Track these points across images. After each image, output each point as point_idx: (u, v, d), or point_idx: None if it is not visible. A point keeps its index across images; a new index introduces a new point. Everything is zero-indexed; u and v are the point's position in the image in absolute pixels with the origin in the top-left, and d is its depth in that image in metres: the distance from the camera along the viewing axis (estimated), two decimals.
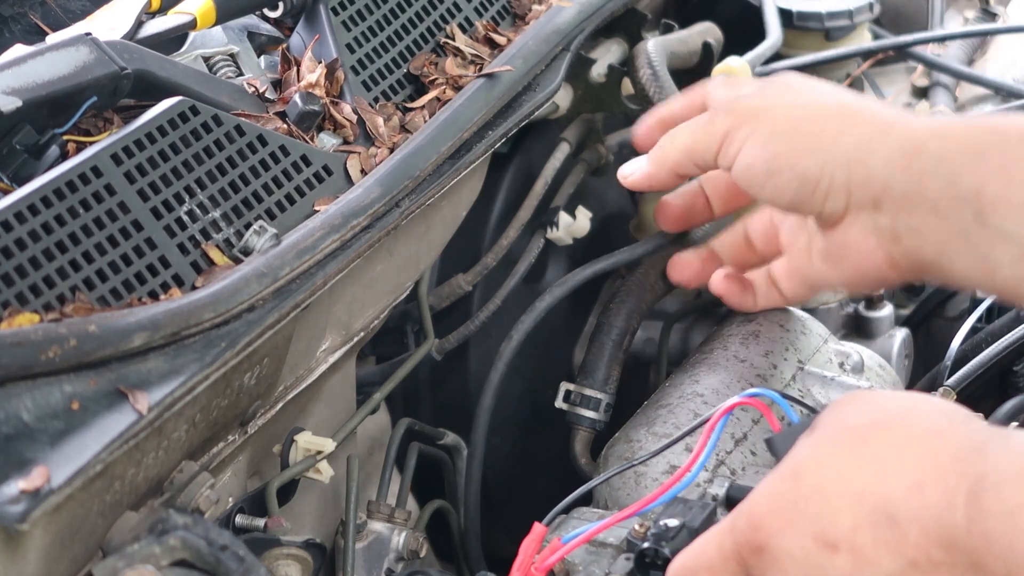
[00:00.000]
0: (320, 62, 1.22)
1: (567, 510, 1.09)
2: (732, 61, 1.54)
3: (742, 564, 0.85)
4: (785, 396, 0.97)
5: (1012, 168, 0.94)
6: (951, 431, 0.82)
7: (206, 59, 1.24)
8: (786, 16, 1.72)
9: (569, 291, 1.38)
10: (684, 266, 1.27)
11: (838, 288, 1.12)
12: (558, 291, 1.38)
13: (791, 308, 1.35)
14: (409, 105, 1.26)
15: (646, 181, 1.16)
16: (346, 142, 1.19)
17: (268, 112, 1.19)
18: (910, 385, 1.45)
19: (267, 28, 1.30)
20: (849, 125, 1.01)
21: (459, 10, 1.36)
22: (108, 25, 1.21)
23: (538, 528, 1.00)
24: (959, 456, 0.80)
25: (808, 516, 0.82)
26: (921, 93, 1.83)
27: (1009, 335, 1.30)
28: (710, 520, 0.99)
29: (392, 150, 1.19)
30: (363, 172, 1.17)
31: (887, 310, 1.53)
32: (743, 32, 1.70)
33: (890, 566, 0.80)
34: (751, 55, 1.59)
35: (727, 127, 1.05)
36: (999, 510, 0.76)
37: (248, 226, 1.08)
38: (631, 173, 1.17)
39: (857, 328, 1.53)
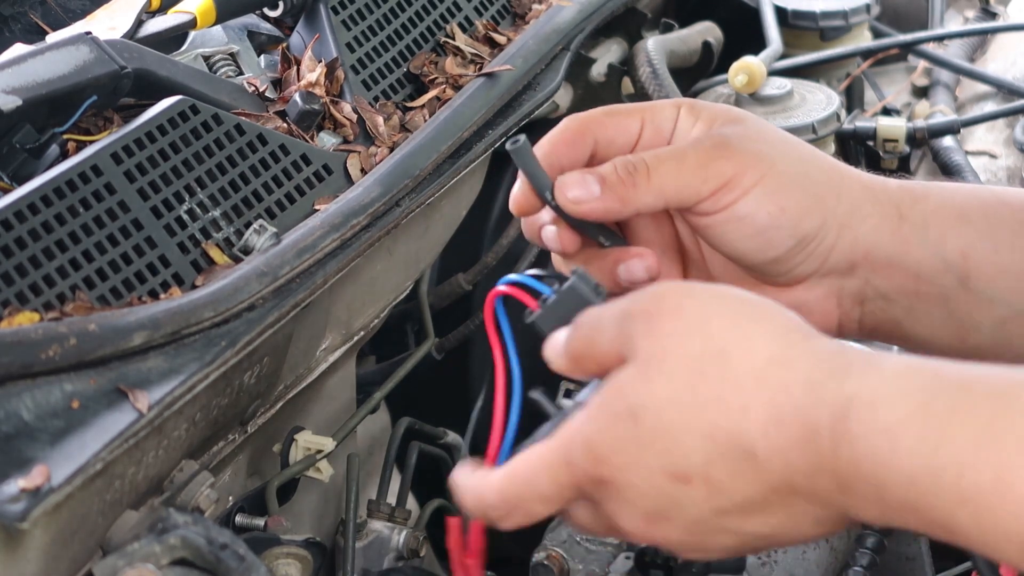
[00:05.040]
0: (320, 61, 1.22)
1: None
2: (749, 60, 1.54)
3: (581, 493, 0.82)
4: (533, 276, 0.90)
5: (999, 231, 0.94)
6: (799, 359, 0.79)
7: (206, 58, 1.24)
8: (781, 14, 1.72)
9: None
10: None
11: None
12: None
13: None
14: (409, 104, 1.26)
15: (601, 215, 0.91)
16: (346, 141, 1.19)
17: (268, 111, 1.19)
18: None
19: (267, 27, 1.30)
20: (844, 187, 0.94)
21: (459, 9, 1.36)
22: (108, 24, 1.21)
23: (450, 523, 0.99)
24: (813, 384, 0.77)
25: (655, 453, 0.79)
26: (921, 92, 1.83)
27: None
28: None
29: (392, 149, 1.19)
30: (363, 171, 1.17)
31: None
32: (742, 32, 1.70)
33: (748, 494, 0.78)
34: (759, 59, 1.58)
35: (731, 171, 0.90)
36: (871, 429, 0.75)
37: (248, 225, 1.08)
38: (580, 200, 0.90)
39: None
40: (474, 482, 0.85)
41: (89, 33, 1.12)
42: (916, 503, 0.74)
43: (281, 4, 1.28)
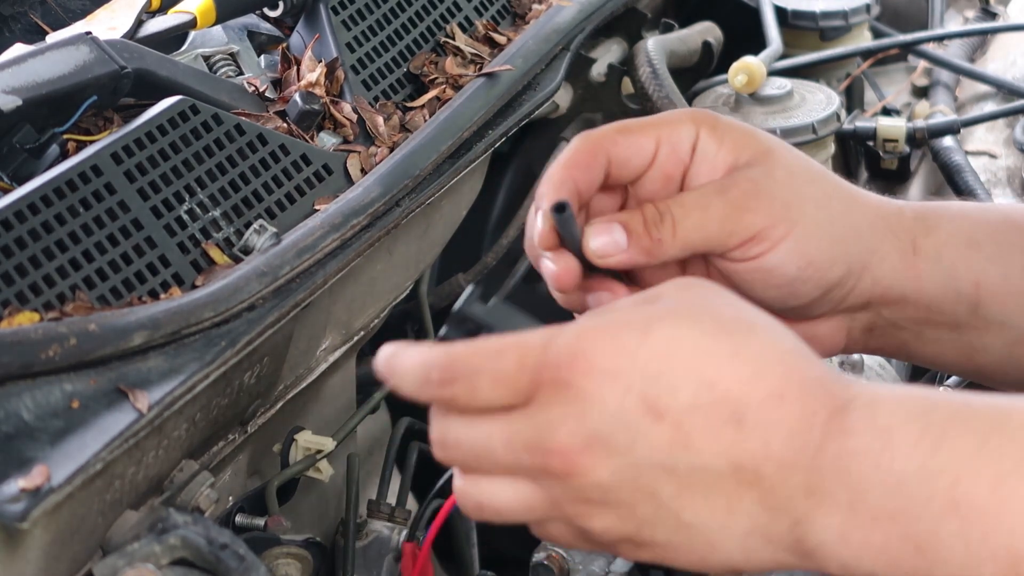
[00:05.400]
0: (320, 61, 1.22)
1: None
2: (749, 60, 1.54)
3: (533, 385, 0.75)
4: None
5: (1009, 256, 0.94)
6: (814, 360, 0.78)
7: (206, 58, 1.24)
8: (781, 14, 1.72)
9: None
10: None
11: None
12: None
13: None
14: (409, 104, 1.26)
15: (627, 267, 0.90)
16: (346, 141, 1.19)
17: (268, 111, 1.19)
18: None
19: (267, 27, 1.30)
20: (864, 224, 0.92)
21: (459, 9, 1.36)
22: (108, 24, 1.21)
23: (405, 548, 0.98)
24: (822, 379, 0.76)
25: (645, 375, 0.74)
26: (921, 93, 1.83)
27: None
28: None
29: (392, 149, 1.19)
30: (363, 171, 1.17)
31: None
32: (742, 32, 1.70)
33: (709, 459, 0.74)
34: (759, 59, 1.58)
35: (760, 225, 0.88)
36: (869, 426, 0.73)
37: (248, 225, 1.08)
38: (607, 253, 0.88)
39: None
40: (428, 347, 0.79)
41: (89, 33, 1.12)
42: (898, 511, 0.72)
43: (281, 4, 1.28)
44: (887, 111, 1.74)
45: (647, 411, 0.74)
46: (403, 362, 0.80)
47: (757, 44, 1.65)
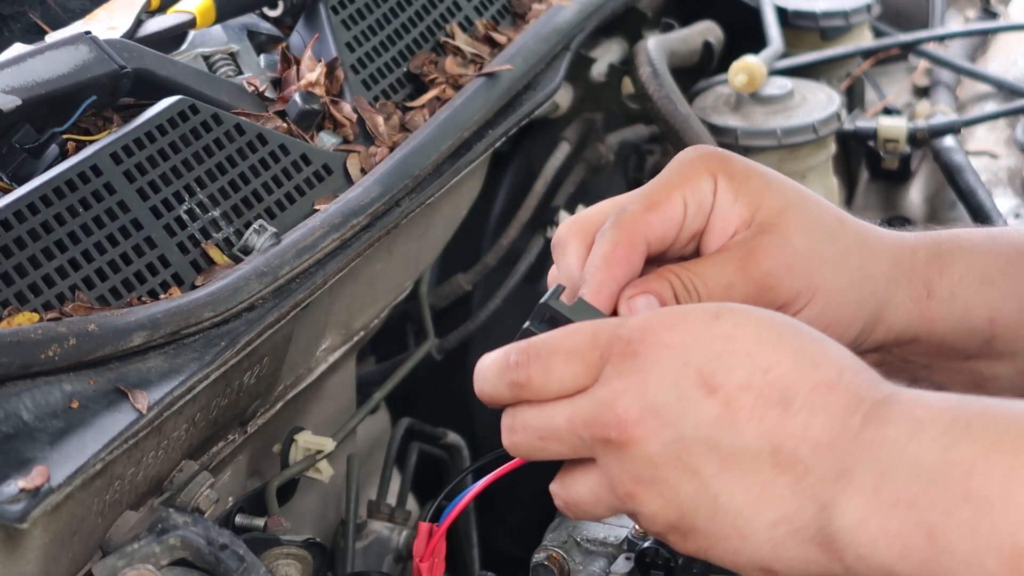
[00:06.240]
0: (320, 61, 1.22)
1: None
2: (749, 59, 1.54)
3: (602, 359, 0.81)
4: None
5: (1022, 289, 0.95)
6: (871, 370, 0.81)
7: (206, 58, 1.24)
8: (782, 14, 1.72)
9: None
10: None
11: None
12: None
13: None
14: (409, 104, 1.26)
15: None
16: (346, 141, 1.19)
17: (268, 111, 1.18)
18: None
19: (267, 27, 1.30)
20: (879, 276, 0.94)
21: (459, 9, 1.36)
22: (107, 24, 1.21)
23: (421, 527, 0.99)
24: (876, 382, 0.79)
25: (706, 352, 0.79)
26: (922, 92, 1.83)
27: None
28: None
29: (392, 149, 1.19)
30: (363, 171, 1.17)
31: None
32: (743, 31, 1.70)
33: (751, 440, 0.78)
34: (759, 58, 1.58)
35: (781, 301, 0.91)
36: (903, 417, 0.76)
37: (248, 225, 1.07)
38: None
39: None
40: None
41: (89, 33, 1.12)
42: (916, 498, 0.74)
43: (281, 3, 1.28)
44: (888, 111, 1.74)
45: (701, 384, 0.78)
46: (486, 358, 0.85)
47: (758, 44, 1.65)
